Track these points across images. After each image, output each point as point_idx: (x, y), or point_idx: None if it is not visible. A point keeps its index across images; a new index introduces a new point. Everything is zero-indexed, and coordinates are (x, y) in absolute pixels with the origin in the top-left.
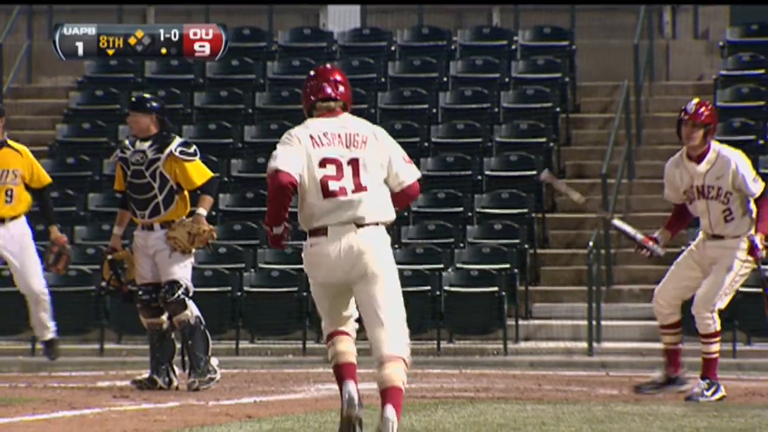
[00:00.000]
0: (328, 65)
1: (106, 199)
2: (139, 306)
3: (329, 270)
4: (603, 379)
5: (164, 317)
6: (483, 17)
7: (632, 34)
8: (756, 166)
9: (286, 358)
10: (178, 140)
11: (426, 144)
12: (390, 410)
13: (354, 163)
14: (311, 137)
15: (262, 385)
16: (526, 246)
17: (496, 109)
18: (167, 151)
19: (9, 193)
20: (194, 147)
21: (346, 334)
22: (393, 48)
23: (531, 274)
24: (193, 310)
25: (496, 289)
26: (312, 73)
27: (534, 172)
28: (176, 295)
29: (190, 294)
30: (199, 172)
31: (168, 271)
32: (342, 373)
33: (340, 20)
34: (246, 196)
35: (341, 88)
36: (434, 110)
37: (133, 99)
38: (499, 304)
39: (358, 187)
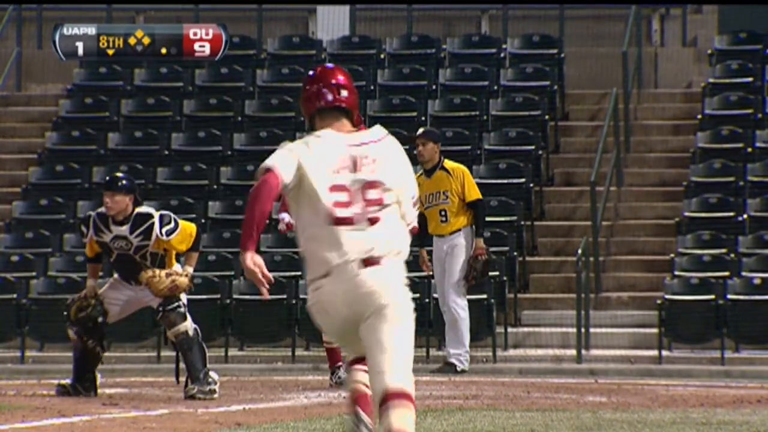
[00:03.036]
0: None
1: (96, 206)
2: (80, 324)
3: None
4: (592, 386)
5: (99, 349)
6: (472, 25)
7: (621, 41)
8: (744, 174)
9: (275, 365)
10: (155, 218)
11: (414, 152)
12: None
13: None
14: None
15: (252, 392)
16: (515, 253)
17: (485, 117)
18: (153, 236)
19: None
20: (172, 217)
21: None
22: (382, 56)
23: (520, 281)
24: (191, 323)
25: (485, 296)
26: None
27: (523, 180)
28: (175, 305)
29: (186, 309)
30: (185, 239)
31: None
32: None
33: (329, 28)
34: (235, 203)
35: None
36: (423, 118)
37: (108, 179)
38: (488, 312)
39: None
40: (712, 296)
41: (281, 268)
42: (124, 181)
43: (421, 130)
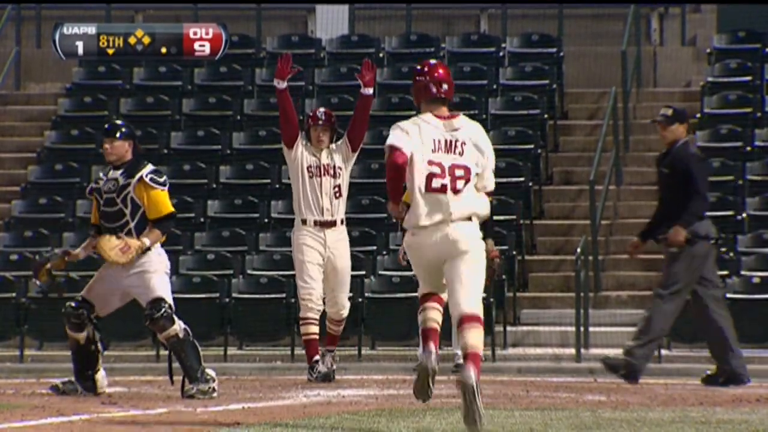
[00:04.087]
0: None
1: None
2: (66, 318)
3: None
4: (591, 385)
5: (84, 333)
6: (471, 24)
7: (620, 41)
8: (743, 173)
9: (274, 364)
10: (150, 167)
11: None
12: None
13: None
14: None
15: (251, 391)
16: (514, 252)
17: (484, 116)
18: (138, 176)
19: None
20: (165, 177)
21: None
22: (381, 54)
23: (519, 280)
24: (180, 324)
25: (484, 295)
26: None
27: (522, 179)
28: (162, 311)
29: (173, 311)
30: (164, 204)
31: (150, 289)
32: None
33: (328, 27)
34: (234, 202)
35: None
36: None
37: (107, 126)
38: (487, 311)
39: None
40: None
41: (280, 267)
42: (123, 128)
43: None
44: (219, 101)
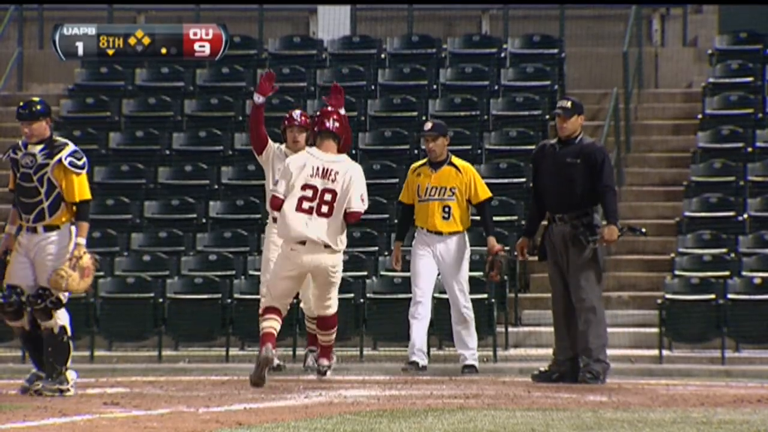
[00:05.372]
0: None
1: (97, 206)
2: (2, 314)
3: None
4: (592, 385)
5: (25, 318)
6: (472, 25)
7: (621, 41)
8: (744, 174)
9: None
10: (70, 148)
11: (416, 151)
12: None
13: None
14: None
15: (252, 392)
16: (516, 253)
17: (486, 117)
18: (57, 158)
19: None
20: (84, 160)
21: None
22: (383, 56)
23: (521, 281)
24: (59, 320)
25: (485, 296)
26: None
27: (523, 180)
28: (43, 304)
29: (64, 302)
30: (81, 188)
31: (43, 278)
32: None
33: (330, 28)
34: (236, 203)
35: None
36: (424, 118)
37: (22, 106)
38: (489, 312)
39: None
40: (713, 296)
41: None
42: (38, 106)
43: (429, 125)
44: (221, 102)
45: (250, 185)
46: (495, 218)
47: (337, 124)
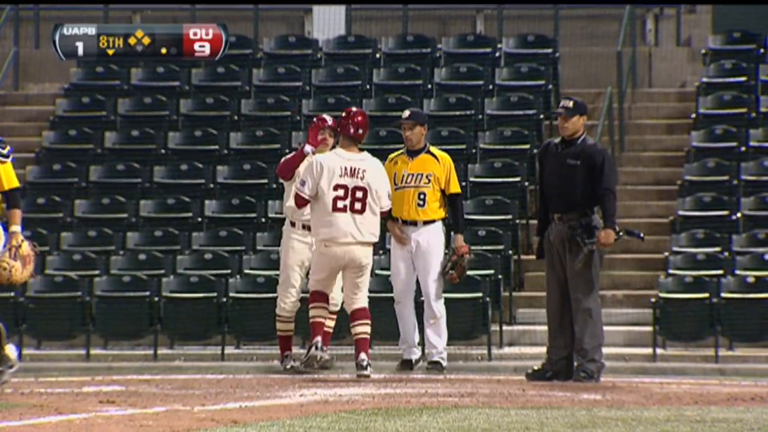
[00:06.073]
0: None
1: (93, 205)
2: None
3: None
4: (586, 384)
5: None
6: (467, 25)
7: (615, 41)
8: (738, 173)
9: (271, 363)
10: None
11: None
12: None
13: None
14: None
15: (248, 390)
16: (510, 252)
17: (480, 116)
18: None
19: None
20: (9, 148)
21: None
22: (378, 55)
23: (515, 279)
24: None
25: (480, 295)
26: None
27: (518, 179)
28: None
29: None
30: (7, 177)
31: None
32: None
33: (325, 28)
34: (231, 202)
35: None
36: None
37: None
38: (483, 310)
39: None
40: (706, 294)
41: (277, 266)
42: None
43: (406, 113)
44: (216, 102)
45: (246, 184)
46: (491, 217)
47: (360, 131)
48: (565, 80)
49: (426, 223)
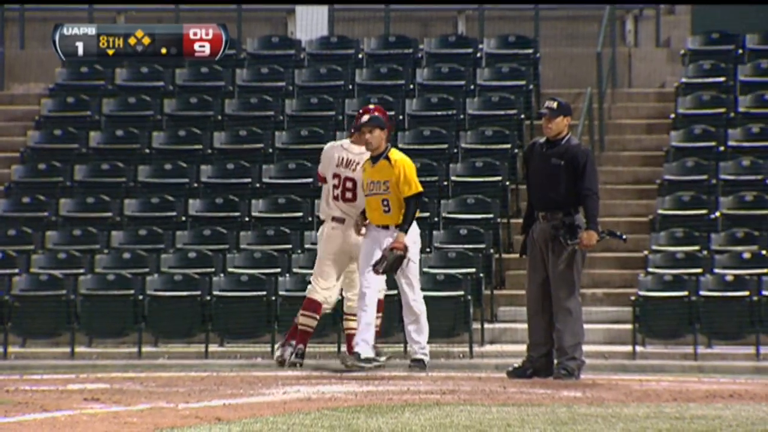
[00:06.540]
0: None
1: (78, 204)
2: None
3: None
4: (566, 381)
5: None
6: (448, 26)
7: (595, 42)
8: (716, 172)
9: (254, 361)
10: None
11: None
12: None
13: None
14: None
15: (231, 388)
16: (492, 251)
17: (462, 116)
18: None
19: None
20: None
21: None
22: (360, 56)
23: (496, 278)
24: None
25: (461, 293)
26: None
27: (499, 178)
28: None
29: None
30: None
31: None
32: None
33: (308, 28)
34: (215, 201)
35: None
36: (401, 117)
37: None
38: (464, 308)
39: None
40: (685, 293)
41: (260, 265)
42: None
43: (365, 117)
44: (200, 102)
45: (230, 183)
46: (472, 216)
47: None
48: (545, 80)
49: (397, 227)
